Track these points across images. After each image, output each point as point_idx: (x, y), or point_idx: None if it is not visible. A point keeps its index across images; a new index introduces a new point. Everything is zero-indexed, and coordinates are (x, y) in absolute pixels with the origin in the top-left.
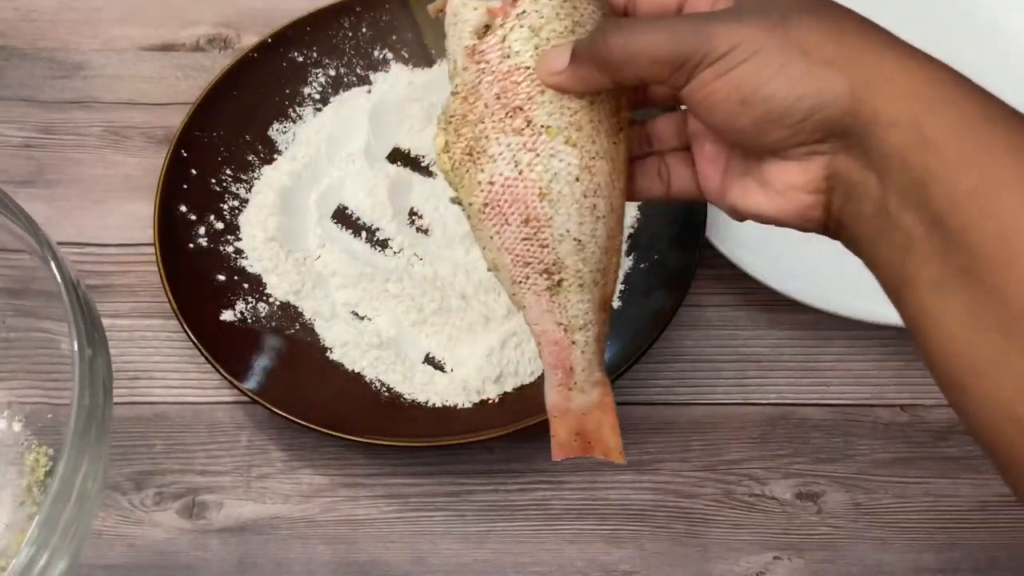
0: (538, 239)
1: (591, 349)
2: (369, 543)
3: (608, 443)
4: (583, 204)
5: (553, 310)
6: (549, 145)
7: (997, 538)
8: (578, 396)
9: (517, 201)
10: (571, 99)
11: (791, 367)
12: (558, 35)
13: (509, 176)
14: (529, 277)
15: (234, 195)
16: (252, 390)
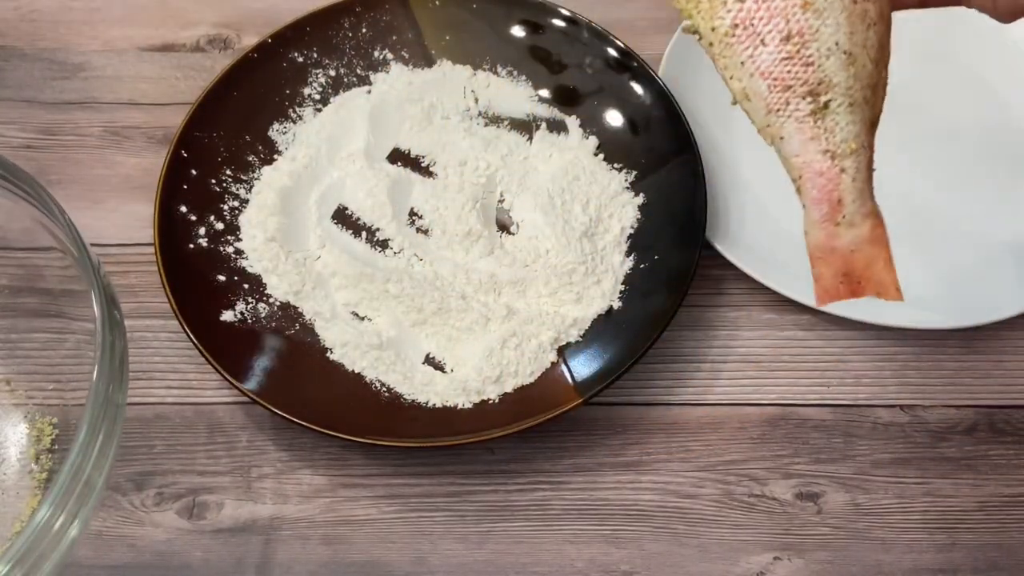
0: (801, 57)
1: (862, 176)
2: (369, 544)
3: (883, 279)
4: (853, 11)
5: (819, 136)
6: None
7: (997, 538)
8: (846, 231)
9: (775, 16)
10: None
11: (791, 367)
12: None
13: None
14: (790, 103)
15: (234, 195)
16: (252, 390)
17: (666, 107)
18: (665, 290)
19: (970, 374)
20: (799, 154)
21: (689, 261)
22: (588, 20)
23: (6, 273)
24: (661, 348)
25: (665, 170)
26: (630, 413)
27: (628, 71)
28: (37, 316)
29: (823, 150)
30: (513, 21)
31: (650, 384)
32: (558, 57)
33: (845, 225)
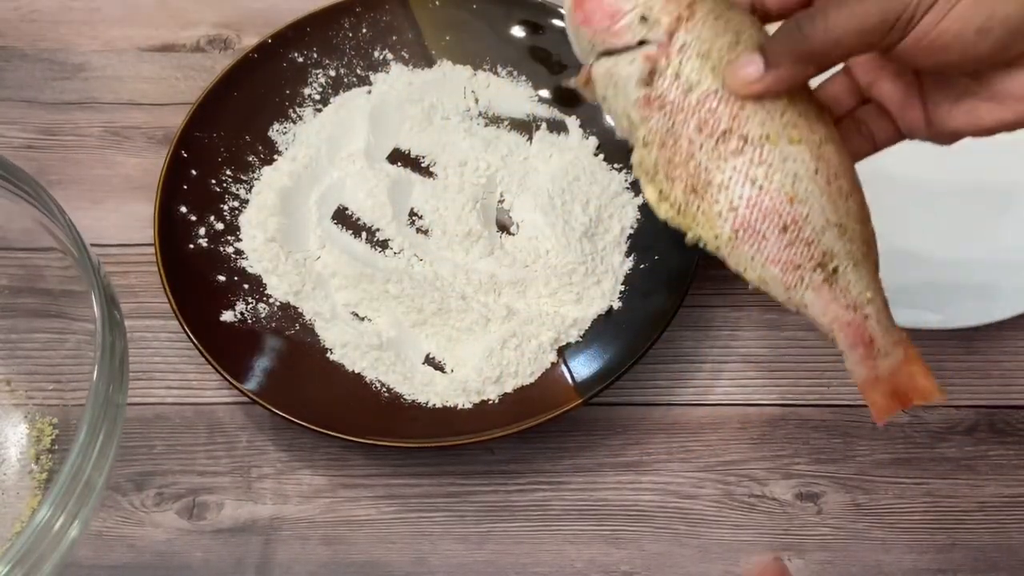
0: (801, 239)
1: (883, 315)
2: (369, 544)
3: (925, 388)
4: (830, 191)
5: (837, 297)
6: (776, 152)
7: (997, 539)
8: (884, 361)
9: (769, 214)
10: (772, 101)
11: (791, 368)
12: (727, 50)
13: (751, 195)
14: (803, 278)
15: (234, 196)
16: (252, 391)
17: None
18: (665, 290)
19: (970, 374)
20: (825, 314)
21: (689, 261)
22: None
23: (6, 273)
24: (661, 348)
25: None
26: (630, 413)
27: None
28: (37, 316)
29: (845, 306)
30: (513, 21)
31: (650, 384)
32: (558, 57)
33: (881, 357)
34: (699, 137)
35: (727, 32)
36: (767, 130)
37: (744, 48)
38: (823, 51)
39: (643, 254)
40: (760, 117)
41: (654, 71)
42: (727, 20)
